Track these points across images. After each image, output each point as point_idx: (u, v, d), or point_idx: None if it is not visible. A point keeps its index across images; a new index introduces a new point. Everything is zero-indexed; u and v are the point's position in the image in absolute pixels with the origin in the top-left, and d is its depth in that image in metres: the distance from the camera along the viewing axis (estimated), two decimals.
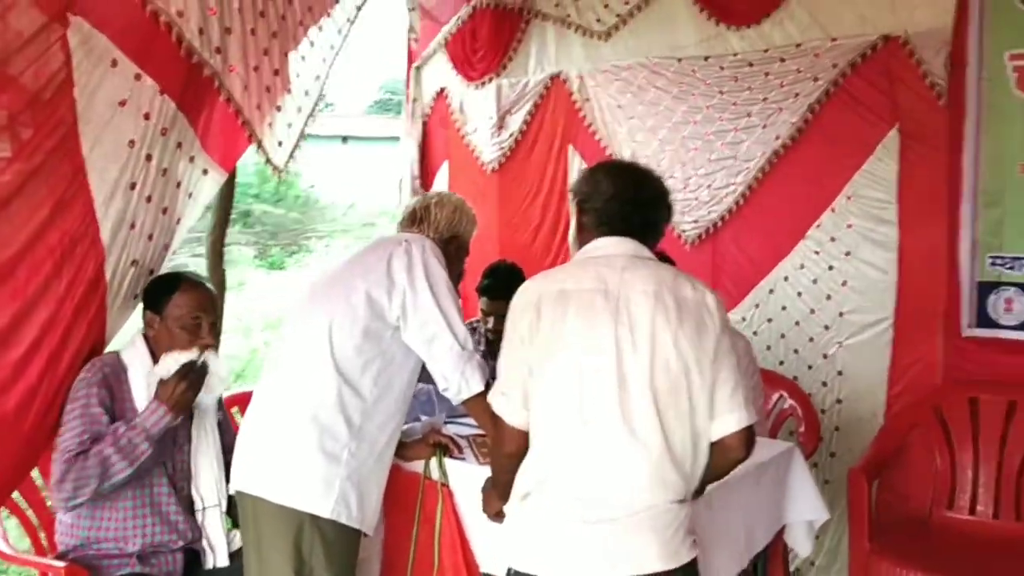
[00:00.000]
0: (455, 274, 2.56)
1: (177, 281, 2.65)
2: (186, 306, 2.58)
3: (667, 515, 1.83)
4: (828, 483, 3.68)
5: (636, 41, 4.22)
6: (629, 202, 1.98)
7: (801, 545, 2.73)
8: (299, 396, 2.32)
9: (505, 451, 1.97)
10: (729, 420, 1.85)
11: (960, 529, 3.20)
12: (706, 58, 3.97)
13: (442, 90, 4.93)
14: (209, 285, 2.73)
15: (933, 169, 3.42)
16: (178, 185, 2.80)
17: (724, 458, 1.91)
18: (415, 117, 4.98)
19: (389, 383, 2.35)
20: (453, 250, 2.59)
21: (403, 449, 2.56)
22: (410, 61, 4.98)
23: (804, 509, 2.69)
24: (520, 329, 1.92)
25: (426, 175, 5.01)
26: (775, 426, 3.49)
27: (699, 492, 1.96)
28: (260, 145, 2.96)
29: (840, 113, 3.63)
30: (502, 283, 3.47)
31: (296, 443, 2.29)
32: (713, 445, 1.88)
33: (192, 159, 2.82)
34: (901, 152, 3.49)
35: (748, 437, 1.88)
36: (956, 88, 3.35)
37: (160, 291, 2.63)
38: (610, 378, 1.82)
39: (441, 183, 4.94)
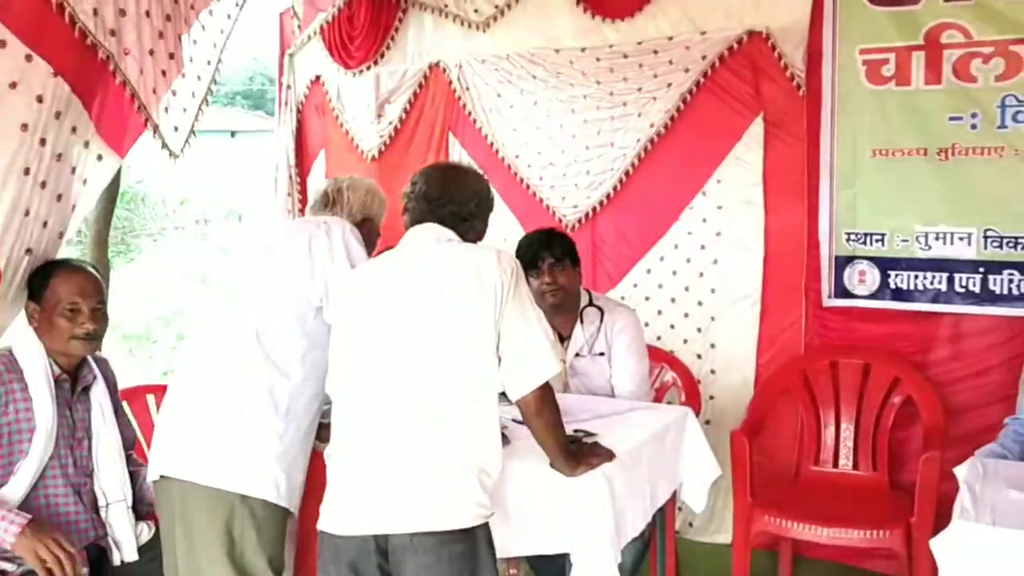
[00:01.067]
0: (369, 257, 2.61)
1: (52, 267, 2.56)
2: (64, 292, 2.50)
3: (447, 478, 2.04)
4: None
5: (514, 32, 4.35)
6: (435, 199, 2.21)
7: (696, 501, 2.94)
8: (225, 380, 2.31)
9: None
10: (525, 378, 2.11)
11: (827, 480, 3.53)
12: (583, 49, 4.15)
13: (317, 78, 4.92)
14: (90, 268, 2.64)
15: (794, 154, 3.73)
16: (73, 171, 2.70)
17: (526, 416, 2.17)
18: (288, 105, 4.94)
19: (315, 363, 2.37)
20: (365, 232, 2.64)
21: (323, 430, 2.59)
22: (283, 48, 4.94)
23: (700, 468, 2.90)
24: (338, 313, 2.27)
25: (302, 164, 4.99)
26: (659, 396, 3.71)
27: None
28: (157, 130, 2.89)
29: (710, 102, 3.89)
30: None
31: (225, 426, 2.28)
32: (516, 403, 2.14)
33: (87, 144, 2.72)
34: (766, 139, 3.79)
35: (543, 395, 2.13)
36: (814, 79, 3.66)
37: (38, 278, 2.54)
38: (396, 348, 2.10)
39: (318, 172, 4.93)
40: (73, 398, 2.53)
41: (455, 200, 2.20)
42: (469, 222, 2.23)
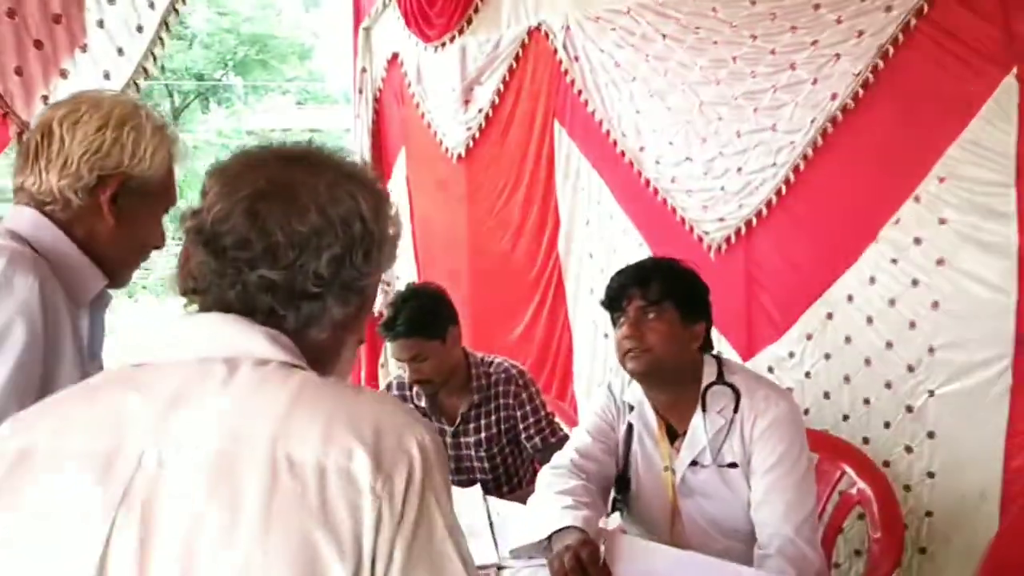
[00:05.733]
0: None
1: None
2: None
3: None
4: None
5: None
6: (230, 243, 0.95)
7: None
8: None
9: None
10: None
11: None
12: None
13: (395, 56, 3.87)
14: None
15: None
16: None
17: None
18: (365, 92, 3.92)
19: None
20: (124, 232, 1.51)
21: None
22: (356, 21, 3.92)
23: None
24: None
25: (381, 168, 3.96)
26: (835, 523, 2.36)
27: None
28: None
29: (926, 57, 2.48)
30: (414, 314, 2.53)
31: None
32: None
33: None
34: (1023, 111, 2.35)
35: None
36: None
37: None
38: None
39: (398, 177, 3.89)
40: None
41: (282, 244, 0.93)
42: (318, 301, 0.96)
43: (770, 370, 2.88)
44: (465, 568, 0.87)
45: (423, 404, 2.69)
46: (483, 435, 2.67)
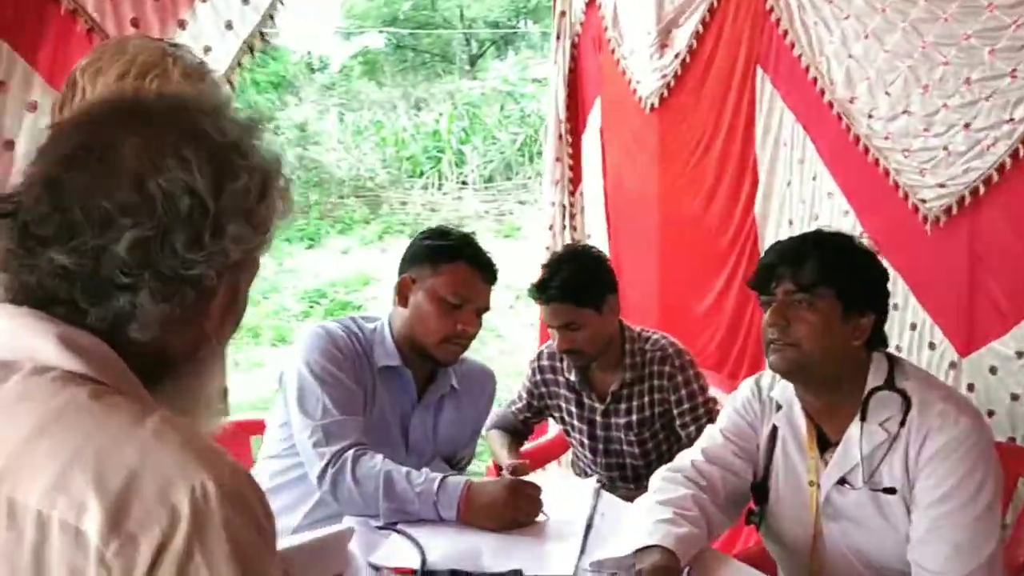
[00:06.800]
0: None
1: None
2: None
3: None
4: None
5: None
6: (33, 216, 0.78)
7: None
8: None
9: None
10: None
11: None
12: None
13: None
14: None
15: None
16: None
17: None
18: (563, 38, 3.68)
19: None
20: None
21: None
22: None
23: None
24: None
25: (575, 120, 3.72)
26: None
27: None
28: None
29: None
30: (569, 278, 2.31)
31: None
32: None
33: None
34: None
35: None
36: None
37: None
38: None
39: (592, 130, 3.63)
40: None
41: (78, 222, 0.74)
42: (127, 294, 0.76)
43: (992, 371, 2.38)
44: None
45: (573, 378, 2.48)
46: (634, 417, 2.42)
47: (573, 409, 2.52)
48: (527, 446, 2.72)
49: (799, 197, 2.89)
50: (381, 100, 14.29)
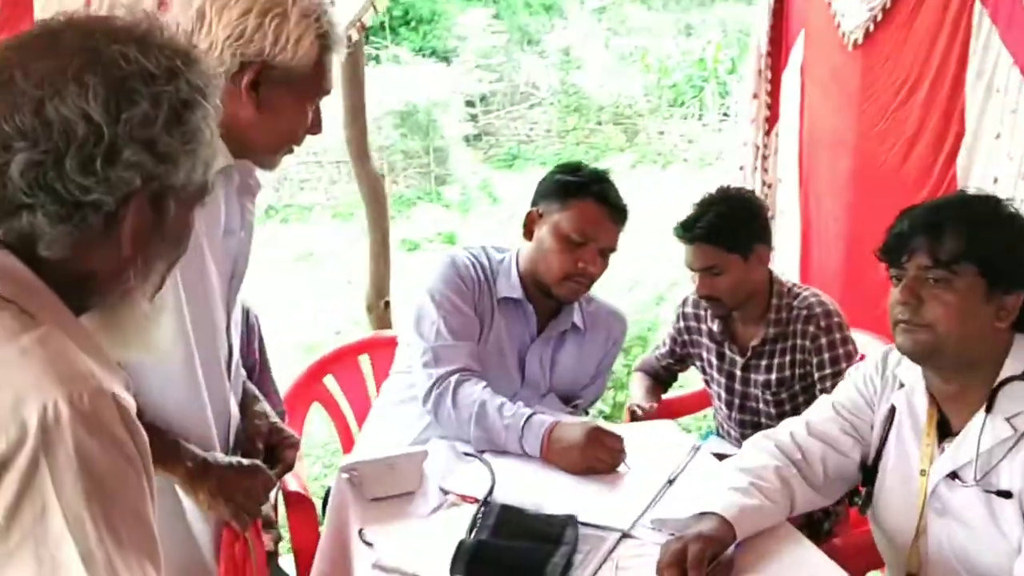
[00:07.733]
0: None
1: None
2: None
3: None
4: None
5: None
6: None
7: None
8: None
9: None
10: None
11: None
12: None
13: None
14: None
15: None
16: None
17: None
18: None
19: None
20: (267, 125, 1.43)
21: None
22: None
23: None
24: None
25: (776, 55, 3.47)
26: None
27: None
28: None
29: None
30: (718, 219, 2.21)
31: None
32: None
33: None
34: None
35: None
36: None
37: None
38: None
39: (793, 68, 3.38)
40: None
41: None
42: (28, 214, 0.79)
43: None
44: None
45: (715, 328, 2.39)
46: (773, 376, 2.30)
47: (714, 360, 2.43)
48: (668, 395, 2.66)
49: (1007, 153, 2.55)
50: (650, 25, 13.95)
